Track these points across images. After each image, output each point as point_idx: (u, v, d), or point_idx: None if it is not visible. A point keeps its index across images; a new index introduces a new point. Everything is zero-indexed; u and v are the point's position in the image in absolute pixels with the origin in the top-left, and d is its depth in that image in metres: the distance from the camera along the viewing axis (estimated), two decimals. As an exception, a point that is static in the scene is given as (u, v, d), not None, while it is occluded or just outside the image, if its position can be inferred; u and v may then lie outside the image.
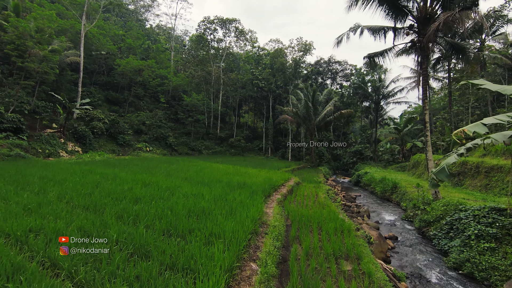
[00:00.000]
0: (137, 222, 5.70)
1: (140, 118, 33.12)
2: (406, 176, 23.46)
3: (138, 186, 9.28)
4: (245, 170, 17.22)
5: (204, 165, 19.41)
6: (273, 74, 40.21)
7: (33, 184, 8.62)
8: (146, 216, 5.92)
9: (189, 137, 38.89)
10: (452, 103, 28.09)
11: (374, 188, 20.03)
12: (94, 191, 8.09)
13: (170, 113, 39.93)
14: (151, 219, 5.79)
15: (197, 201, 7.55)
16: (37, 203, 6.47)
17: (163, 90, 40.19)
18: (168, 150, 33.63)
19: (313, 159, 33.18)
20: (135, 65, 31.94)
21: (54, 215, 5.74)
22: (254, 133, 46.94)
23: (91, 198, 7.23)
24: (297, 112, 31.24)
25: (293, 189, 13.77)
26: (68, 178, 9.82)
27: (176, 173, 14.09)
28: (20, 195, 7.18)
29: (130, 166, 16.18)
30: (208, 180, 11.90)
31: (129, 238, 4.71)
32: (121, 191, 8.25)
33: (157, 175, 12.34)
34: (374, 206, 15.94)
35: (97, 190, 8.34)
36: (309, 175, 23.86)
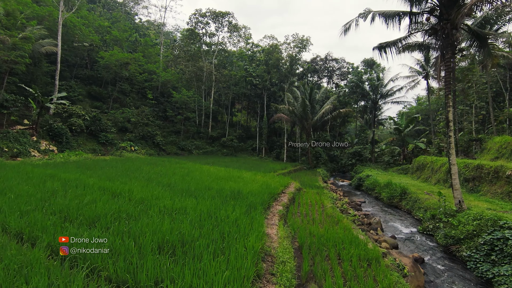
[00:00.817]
0: (75, 265, 3.75)
1: (125, 115, 30.77)
2: (410, 179, 21.98)
3: (104, 197, 7.27)
4: (239, 174, 15.32)
5: (193, 167, 17.40)
6: (268, 71, 38.37)
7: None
8: (92, 256, 3.95)
9: (179, 136, 36.70)
10: (455, 103, 26.76)
11: (380, 193, 18.40)
12: (39, 207, 6.06)
13: (158, 110, 37.61)
14: (99, 259, 3.83)
15: (176, 222, 5.61)
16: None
17: (151, 86, 37.84)
18: (156, 150, 31.41)
19: (309, 160, 31.51)
20: (120, 58, 29.58)
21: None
22: (247, 132, 45.04)
23: (27, 219, 5.21)
24: (294, 110, 29.50)
25: (295, 196, 11.94)
26: (15, 187, 7.72)
27: (159, 177, 12.07)
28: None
29: (106, 168, 14.06)
30: (196, 188, 9.94)
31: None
32: (76, 206, 6.23)
33: (133, 181, 10.31)
34: (383, 215, 14.27)
35: (46, 204, 6.32)
36: (307, 178, 22.13)
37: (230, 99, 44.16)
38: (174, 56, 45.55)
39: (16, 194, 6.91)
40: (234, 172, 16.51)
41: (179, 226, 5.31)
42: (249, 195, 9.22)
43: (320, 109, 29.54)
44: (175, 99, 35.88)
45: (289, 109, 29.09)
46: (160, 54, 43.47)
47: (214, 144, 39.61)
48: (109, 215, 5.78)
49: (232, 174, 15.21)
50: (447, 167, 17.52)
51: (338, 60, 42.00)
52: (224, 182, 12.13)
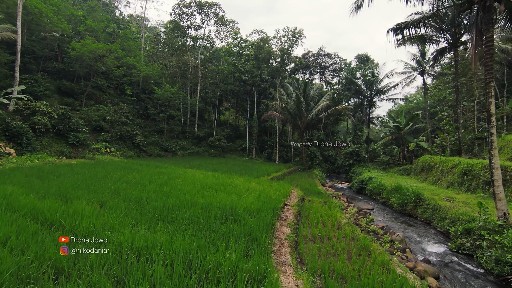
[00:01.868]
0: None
1: (100, 112, 27.63)
2: (416, 181, 20.21)
3: (24, 234, 4.68)
4: (230, 180, 12.88)
5: (175, 172, 14.81)
6: (258, 66, 35.98)
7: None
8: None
9: (162, 136, 33.77)
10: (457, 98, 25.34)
11: (388, 198, 16.42)
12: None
13: (139, 108, 34.54)
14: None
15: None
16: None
17: (131, 82, 34.69)
18: (136, 151, 28.45)
19: (304, 161, 29.41)
20: (94, 49, 26.38)
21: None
22: (236, 131, 42.52)
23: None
24: (287, 107, 27.26)
25: (301, 210, 9.63)
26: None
27: (129, 188, 9.50)
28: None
29: (65, 176, 11.33)
30: (173, 205, 7.48)
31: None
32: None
33: (91, 196, 7.73)
34: (399, 227, 12.22)
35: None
36: (305, 182, 19.96)
37: (217, 97, 41.48)
38: (156, 50, 42.43)
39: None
40: (223, 177, 14.05)
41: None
42: (246, 216, 6.83)
43: (316, 106, 27.46)
44: (157, 95, 32.92)
45: (282, 106, 26.83)
46: (141, 47, 40.23)
47: (200, 145, 36.91)
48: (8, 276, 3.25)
49: (221, 180, 12.75)
50: (462, 168, 15.75)
51: (331, 55, 40.16)
52: (212, 193, 9.69)
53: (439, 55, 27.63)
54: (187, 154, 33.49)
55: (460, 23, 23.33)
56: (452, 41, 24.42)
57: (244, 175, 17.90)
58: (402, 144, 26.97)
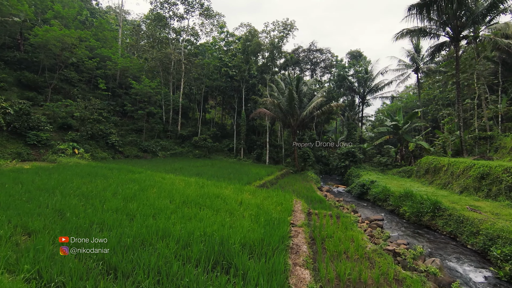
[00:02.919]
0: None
1: (69, 108, 24.36)
2: (420, 185, 18.54)
3: None
4: (218, 190, 10.48)
5: (151, 179, 12.24)
6: (246, 60, 33.58)
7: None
8: None
9: (141, 135, 30.75)
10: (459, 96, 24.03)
11: (397, 206, 14.54)
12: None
13: (115, 104, 31.30)
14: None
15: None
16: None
17: (105, 75, 31.41)
18: (110, 152, 25.39)
19: (296, 162, 27.34)
20: (60, 36, 23.07)
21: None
22: (222, 131, 39.94)
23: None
24: (279, 104, 25.05)
25: (314, 233, 7.36)
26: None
27: (78, 208, 6.95)
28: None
29: None
30: (135, 236, 5.04)
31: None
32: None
33: (16, 220, 5.15)
34: (418, 242, 10.26)
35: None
36: (301, 187, 17.85)
37: (202, 93, 38.72)
38: (135, 42, 39.10)
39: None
40: (209, 185, 11.63)
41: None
42: (245, 256, 4.51)
43: (310, 103, 25.41)
44: (136, 90, 29.82)
45: (274, 103, 24.58)
46: (119, 38, 36.82)
47: (184, 145, 34.10)
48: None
49: (207, 190, 10.33)
50: (479, 171, 14.05)
51: (322, 51, 38.31)
52: (194, 211, 7.28)
53: (437, 50, 26.32)
54: (169, 155, 30.66)
55: (463, 15, 21.97)
56: (453, 35, 23.05)
57: (233, 180, 15.54)
58: (400, 144, 25.41)
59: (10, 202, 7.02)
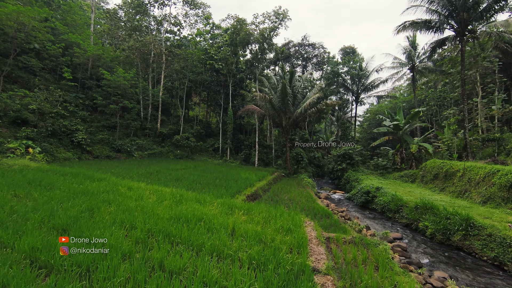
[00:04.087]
0: None
1: (26, 100, 20.67)
2: (429, 192, 16.60)
3: None
4: (199, 209, 7.75)
5: (111, 191, 9.31)
6: (234, 52, 30.79)
7: None
8: None
9: (114, 133, 27.29)
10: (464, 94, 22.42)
11: (413, 220, 12.35)
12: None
13: (85, 97, 27.61)
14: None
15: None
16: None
17: (73, 64, 27.65)
18: (75, 152, 21.93)
19: (288, 164, 24.93)
20: (11, 13, 19.33)
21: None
22: (207, 129, 36.93)
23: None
24: (271, 100, 22.49)
25: (346, 285, 4.82)
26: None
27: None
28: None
29: None
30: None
31: None
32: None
33: None
34: (458, 274, 8.03)
35: None
36: (298, 194, 15.43)
37: (185, 88, 35.53)
38: (109, 29, 35.29)
39: None
40: (189, 200, 8.86)
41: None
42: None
43: (304, 100, 23.05)
44: (107, 81, 26.29)
45: (266, 98, 21.99)
46: (90, 24, 32.91)
47: (164, 144, 30.91)
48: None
49: (185, 207, 7.61)
50: (507, 179, 12.11)
51: (315, 45, 36.07)
52: (160, 255, 4.54)
53: (438, 46, 24.71)
54: (146, 156, 27.42)
55: (471, 7, 20.30)
56: (459, 29, 21.39)
57: (219, 188, 12.86)
58: (400, 145, 23.56)
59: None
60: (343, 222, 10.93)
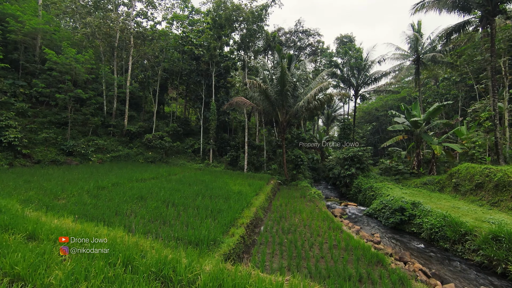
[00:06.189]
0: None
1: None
2: (480, 207, 12.80)
3: None
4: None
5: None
6: (218, 35, 25.86)
7: None
8: None
9: (65, 131, 21.52)
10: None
11: (497, 259, 8.31)
12: None
13: (27, 86, 21.54)
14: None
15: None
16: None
17: (11, 42, 21.45)
18: (5, 156, 16.25)
19: (285, 170, 20.52)
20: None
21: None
22: (185, 127, 31.67)
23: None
24: (266, 90, 17.93)
25: None
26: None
27: None
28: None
29: None
30: None
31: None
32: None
33: None
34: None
35: None
36: (311, 215, 11.11)
37: (159, 79, 30.08)
38: (68, 8, 29.07)
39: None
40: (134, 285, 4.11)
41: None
42: None
43: (305, 90, 18.74)
44: (53, 64, 20.36)
45: (261, 87, 17.35)
46: None
47: (132, 144, 25.44)
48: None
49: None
50: None
51: (310, 32, 31.78)
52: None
53: (455, 31, 21.38)
54: (108, 159, 21.95)
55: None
56: (489, 7, 17.97)
57: (203, 217, 8.22)
58: (417, 146, 19.89)
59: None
60: (410, 277, 6.62)
